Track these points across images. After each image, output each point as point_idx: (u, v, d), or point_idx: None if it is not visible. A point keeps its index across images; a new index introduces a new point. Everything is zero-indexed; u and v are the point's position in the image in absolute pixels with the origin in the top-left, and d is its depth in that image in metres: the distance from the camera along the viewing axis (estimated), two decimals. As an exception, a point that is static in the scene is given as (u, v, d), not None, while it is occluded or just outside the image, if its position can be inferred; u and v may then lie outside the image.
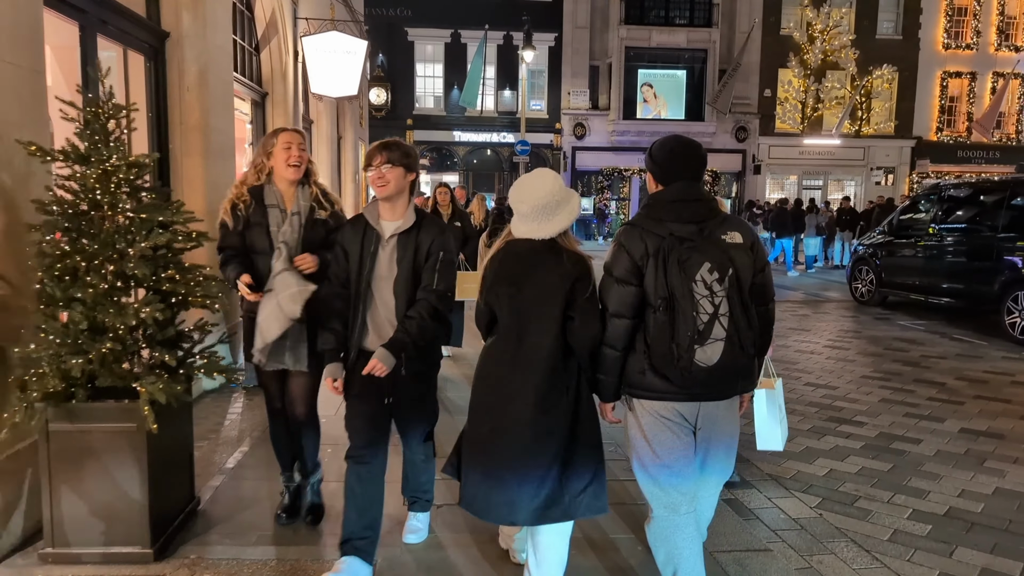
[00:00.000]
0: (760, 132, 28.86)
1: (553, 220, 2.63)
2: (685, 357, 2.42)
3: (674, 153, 2.64)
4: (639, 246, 2.52)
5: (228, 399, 5.96)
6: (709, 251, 2.45)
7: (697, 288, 2.41)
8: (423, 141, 27.77)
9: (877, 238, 12.20)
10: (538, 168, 2.88)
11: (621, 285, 2.55)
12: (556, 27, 27.74)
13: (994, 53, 29.07)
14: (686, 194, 2.59)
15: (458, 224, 7.02)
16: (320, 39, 8.88)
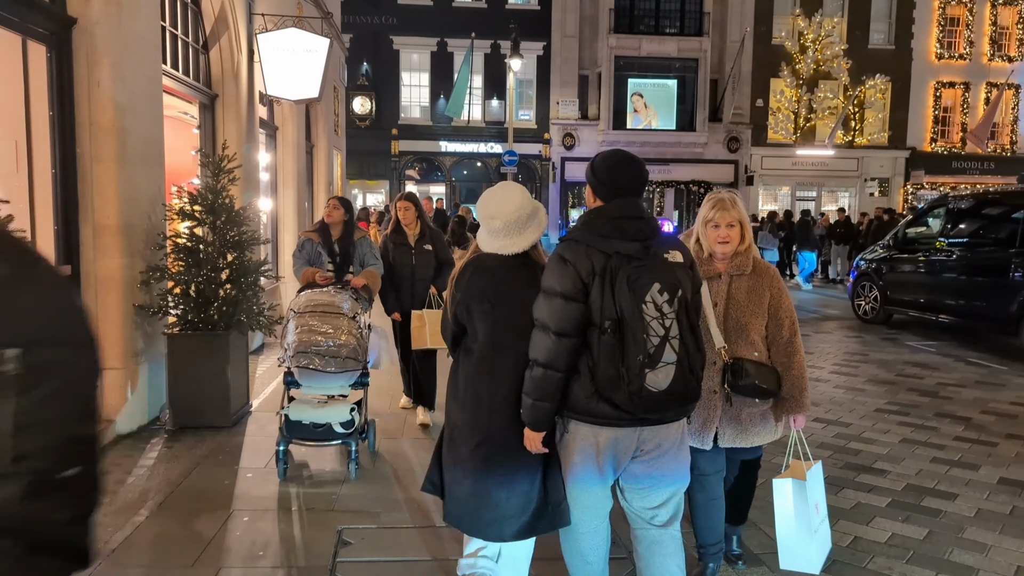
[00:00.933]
0: (752, 142, 28.15)
1: (524, 234, 2.58)
2: (635, 381, 2.31)
3: (618, 168, 2.53)
4: (585, 262, 2.40)
5: (145, 445, 5.06)
6: (658, 271, 2.36)
7: (647, 309, 2.32)
8: (408, 151, 26.94)
9: (880, 253, 11.39)
10: (502, 182, 2.77)
11: (567, 302, 2.40)
12: (544, 36, 27.01)
13: (987, 63, 28.50)
14: (629, 211, 2.48)
15: (428, 247, 5.62)
16: (276, 36, 8.02)
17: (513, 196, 2.62)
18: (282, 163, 10.69)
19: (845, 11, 27.99)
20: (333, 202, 5.42)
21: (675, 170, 27.80)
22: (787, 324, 3.11)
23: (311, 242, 5.30)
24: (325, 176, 13.54)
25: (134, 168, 5.23)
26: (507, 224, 2.56)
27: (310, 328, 4.29)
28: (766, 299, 3.07)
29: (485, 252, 2.65)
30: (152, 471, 4.63)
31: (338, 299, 4.50)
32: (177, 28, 6.97)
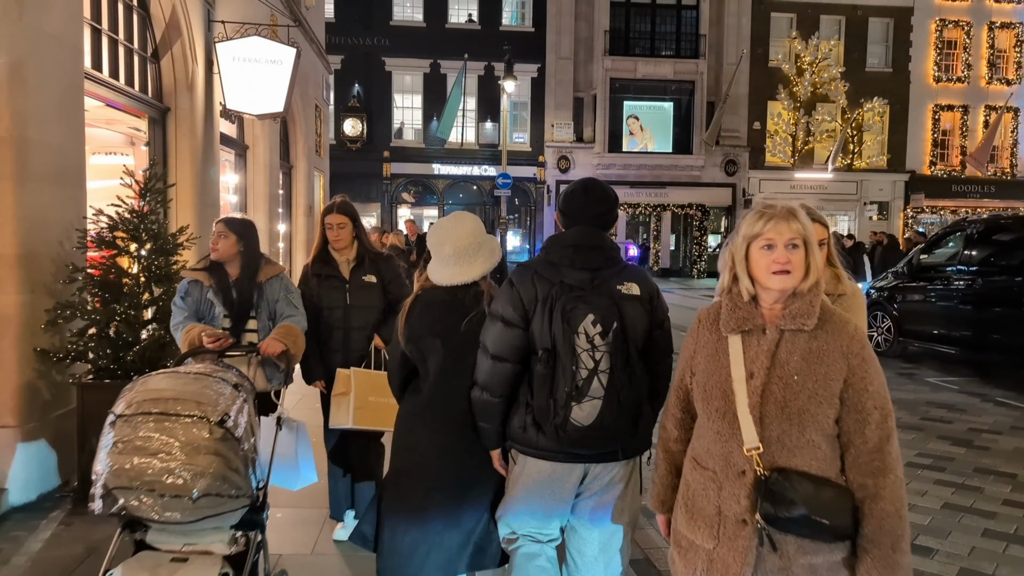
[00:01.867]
0: (750, 165, 27.47)
1: (475, 263, 2.53)
2: (561, 414, 2.25)
3: (573, 197, 2.49)
4: (529, 289, 2.35)
5: (41, 521, 4.16)
6: (595, 302, 2.27)
7: (579, 341, 2.24)
8: (400, 174, 26.22)
9: (892, 281, 10.56)
10: (455, 211, 2.72)
11: (507, 327, 2.35)
12: (539, 58, 26.41)
13: (985, 86, 27.95)
14: (583, 239, 2.40)
15: (371, 280, 3.92)
16: (238, 45, 7.24)
17: (464, 224, 2.56)
18: (252, 185, 9.88)
19: (842, 34, 27.47)
20: (219, 227, 3.51)
21: (672, 193, 27.09)
22: (875, 419, 1.77)
23: (199, 286, 3.48)
24: (305, 199, 12.73)
25: (40, 187, 4.39)
26: (456, 251, 2.50)
27: (135, 447, 2.23)
28: (840, 374, 1.78)
29: (436, 284, 2.56)
30: (39, 557, 3.74)
31: (204, 388, 2.40)
32: (119, 33, 6.17)
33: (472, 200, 27.33)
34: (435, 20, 26.02)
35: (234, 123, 9.53)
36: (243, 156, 9.77)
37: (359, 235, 3.96)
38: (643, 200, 27.06)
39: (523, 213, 27.43)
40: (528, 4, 26.68)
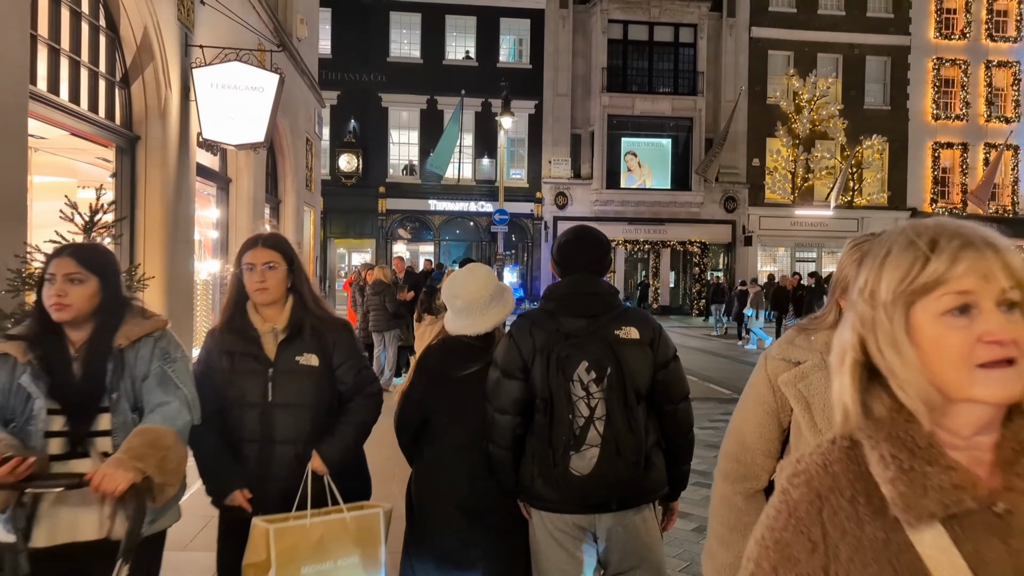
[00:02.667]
0: (750, 202, 27.07)
1: (488, 314, 2.50)
2: (560, 464, 2.20)
3: (567, 245, 2.48)
4: (527, 340, 2.32)
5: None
6: (589, 348, 2.24)
7: (574, 389, 2.21)
8: (396, 210, 25.74)
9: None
10: (471, 263, 2.86)
11: (507, 379, 2.32)
12: (536, 94, 26.14)
13: (984, 124, 27.73)
14: (579, 287, 2.39)
15: (311, 362, 2.50)
16: (216, 71, 6.71)
17: (477, 276, 2.56)
18: (235, 220, 9.29)
19: (839, 72, 27.33)
20: (64, 265, 2.12)
21: (670, 230, 26.63)
22: None
23: (6, 364, 2.13)
24: (293, 235, 12.13)
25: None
26: (468, 304, 2.49)
27: None
28: None
29: (453, 335, 2.53)
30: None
31: None
32: (81, 55, 5.63)
33: (469, 236, 26.84)
34: (432, 57, 25.81)
35: (216, 155, 8.98)
36: (225, 189, 9.20)
37: (296, 286, 2.52)
38: (642, 237, 26.59)
39: (520, 249, 26.94)
40: (525, 41, 26.51)
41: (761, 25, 26.81)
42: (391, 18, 25.56)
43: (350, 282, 11.04)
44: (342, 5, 25.03)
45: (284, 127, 11.45)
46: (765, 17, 26.86)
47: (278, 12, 11.53)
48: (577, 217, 26.17)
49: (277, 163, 11.81)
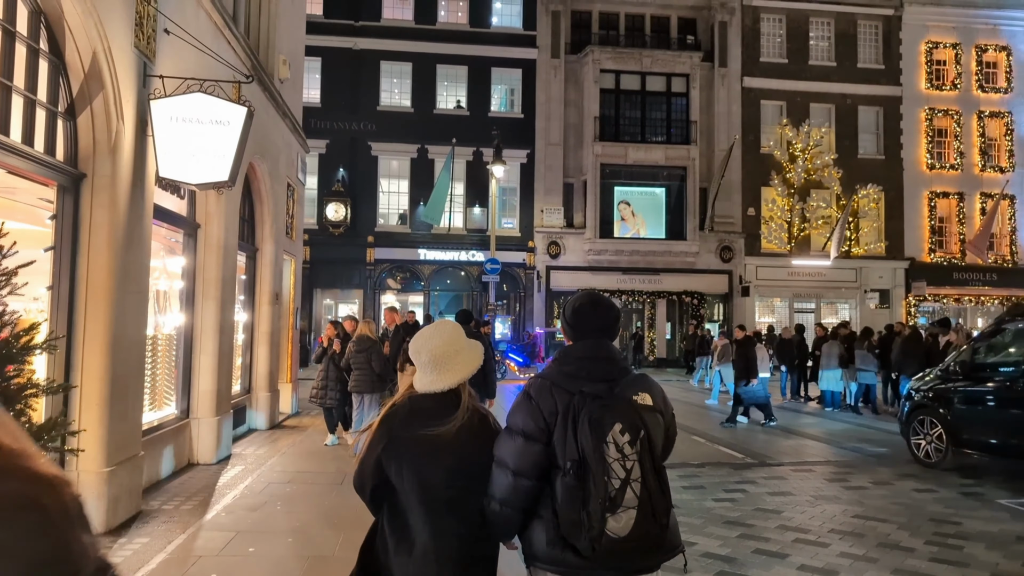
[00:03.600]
0: (746, 252, 26.52)
1: (453, 369, 2.46)
2: (596, 527, 2.15)
3: (582, 310, 2.50)
4: (549, 401, 2.30)
5: None
6: (621, 410, 2.23)
7: (608, 451, 2.18)
8: (385, 260, 25.01)
9: (938, 380, 9.17)
10: (438, 320, 2.83)
11: (528, 441, 2.28)
12: (528, 143, 25.76)
13: (979, 174, 27.51)
14: (595, 351, 2.42)
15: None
16: (176, 103, 5.99)
17: (443, 332, 2.52)
18: (203, 268, 8.49)
19: (832, 121, 27.16)
20: None
21: (666, 280, 25.99)
22: None
23: None
24: (271, 285, 11.34)
25: None
26: (434, 359, 2.45)
27: None
28: None
29: (419, 392, 2.47)
30: None
31: None
32: (13, 79, 4.90)
33: (459, 286, 26.10)
34: (423, 106, 25.46)
35: (183, 197, 8.24)
36: (193, 236, 8.42)
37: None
38: (636, 287, 25.92)
39: (512, 299, 26.18)
40: (517, 91, 26.25)
41: (753, 75, 26.70)
42: (382, 67, 25.29)
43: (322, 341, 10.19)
44: (332, 53, 24.77)
45: (262, 171, 10.76)
46: (757, 67, 26.77)
47: (260, 52, 10.96)
48: (570, 267, 25.60)
49: (255, 209, 11.08)
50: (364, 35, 25.06)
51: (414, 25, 25.38)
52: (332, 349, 9.58)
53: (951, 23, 27.42)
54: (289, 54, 12.37)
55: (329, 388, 9.51)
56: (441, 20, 25.77)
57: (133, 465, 6.21)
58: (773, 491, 7.84)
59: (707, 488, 7.95)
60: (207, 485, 7.60)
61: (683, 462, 9.34)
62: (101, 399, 5.69)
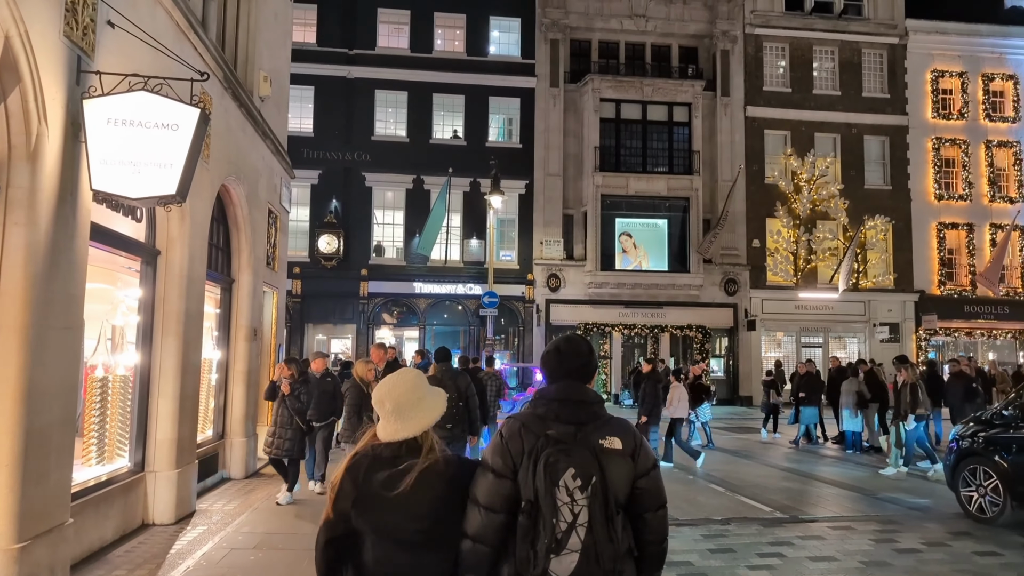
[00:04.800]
0: (751, 285, 25.55)
1: (415, 418, 2.45)
2: (540, 566, 2.22)
3: (556, 352, 2.53)
4: (518, 443, 2.34)
5: None
6: (577, 455, 2.26)
7: (559, 494, 2.23)
8: (379, 293, 23.99)
9: (993, 426, 8.11)
10: (401, 369, 2.71)
11: (497, 478, 2.32)
12: (526, 174, 24.94)
13: (989, 204, 26.71)
14: (567, 394, 2.43)
15: None
16: (115, 103, 5.04)
17: (406, 380, 2.52)
18: (164, 300, 7.47)
19: (837, 151, 26.42)
20: None
21: (669, 314, 24.97)
22: None
23: None
24: (248, 320, 10.30)
25: None
26: (396, 408, 2.44)
27: None
28: None
29: (382, 441, 2.45)
30: None
31: None
32: None
33: (456, 321, 25.05)
34: (418, 136, 24.69)
35: (140, 220, 7.25)
36: (152, 263, 7.42)
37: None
38: (639, 321, 24.89)
39: (510, 334, 25.11)
40: (515, 120, 25.52)
41: (756, 104, 26.03)
42: (376, 96, 24.57)
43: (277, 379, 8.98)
44: (325, 82, 24.08)
45: (239, 194, 9.81)
46: (760, 96, 26.12)
47: (238, 67, 10.09)
48: (571, 300, 24.60)
49: (231, 236, 10.10)
50: (358, 63, 24.38)
51: (410, 53, 24.73)
52: (284, 390, 8.27)
53: (956, 52, 26.86)
54: (273, 72, 11.52)
55: (281, 436, 8.20)
56: (437, 48, 25.15)
57: (57, 537, 5.12)
58: (814, 555, 6.74)
59: (737, 552, 6.84)
60: (158, 553, 6.48)
61: (705, 517, 8.23)
62: (12, 458, 4.63)
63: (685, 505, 8.90)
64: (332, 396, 8.80)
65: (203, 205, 8.10)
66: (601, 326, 24.69)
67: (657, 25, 25.97)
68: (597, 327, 24.65)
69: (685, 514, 8.35)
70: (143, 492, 7.30)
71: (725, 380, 25.73)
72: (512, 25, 25.55)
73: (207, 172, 8.24)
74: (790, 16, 26.42)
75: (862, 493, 9.89)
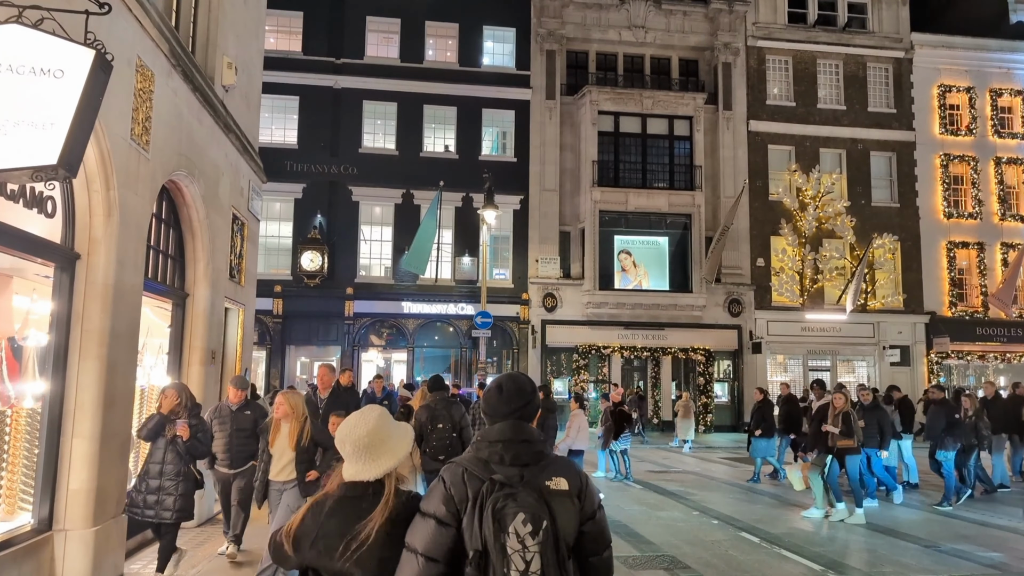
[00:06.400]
0: (756, 305, 24.18)
1: (379, 460, 2.34)
2: None
3: (498, 391, 2.38)
4: (461, 488, 2.19)
5: None
6: (525, 500, 2.12)
7: (510, 541, 2.07)
8: (365, 313, 22.44)
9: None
10: (366, 406, 2.52)
11: (440, 526, 2.16)
12: (521, 189, 23.58)
13: (999, 223, 25.54)
14: (509, 434, 2.29)
15: None
16: (-26, 38, 3.60)
17: (367, 420, 2.39)
18: (82, 316, 5.96)
19: (843, 167, 25.23)
20: None
21: (671, 336, 23.54)
22: None
23: None
24: (205, 341, 8.77)
25: None
26: (356, 449, 2.33)
27: None
28: None
29: (347, 481, 2.34)
30: None
31: None
32: None
33: (447, 342, 23.50)
34: (408, 148, 23.32)
35: (53, 215, 5.77)
36: (68, 270, 5.92)
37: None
38: (639, 343, 23.44)
39: (504, 356, 23.58)
40: (509, 133, 24.22)
41: (759, 118, 24.86)
42: (364, 107, 23.21)
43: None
44: (310, 92, 22.74)
45: (193, 194, 8.34)
46: (763, 110, 24.96)
47: (196, 49, 8.67)
48: (568, 321, 23.14)
49: (185, 243, 8.61)
50: (346, 73, 23.05)
51: (399, 63, 23.44)
52: (173, 430, 5.91)
53: (963, 66, 25.84)
54: (242, 63, 10.12)
55: (170, 491, 5.88)
56: (428, 59, 23.88)
57: None
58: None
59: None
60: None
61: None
62: None
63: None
64: (249, 434, 6.92)
65: (140, 201, 6.63)
66: (600, 348, 23.20)
67: (656, 36, 24.84)
68: (596, 349, 23.17)
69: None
70: (50, 556, 5.73)
71: (729, 405, 24.27)
72: (506, 35, 24.35)
73: (147, 162, 6.78)
74: (793, 28, 25.37)
75: (918, 544, 8.38)
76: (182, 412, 5.98)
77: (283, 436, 6.09)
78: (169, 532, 6.01)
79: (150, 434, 5.94)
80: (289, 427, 6.06)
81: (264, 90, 12.18)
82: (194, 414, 6.08)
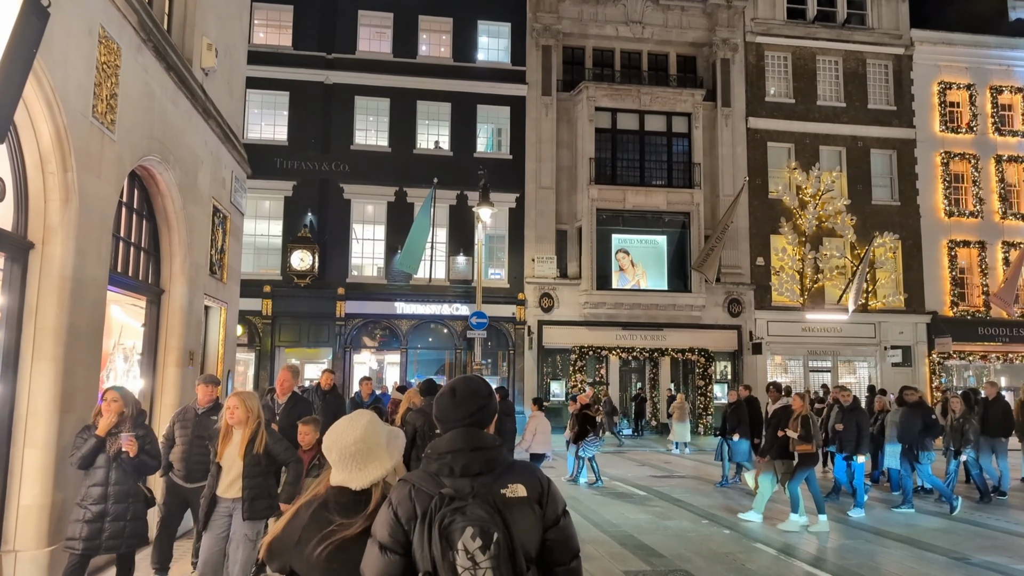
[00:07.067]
0: (756, 305, 23.64)
1: (366, 469, 2.24)
2: None
3: (451, 395, 2.22)
4: (407, 507, 2.04)
5: None
6: (474, 513, 1.98)
7: (459, 559, 1.92)
8: (357, 314, 21.79)
9: None
10: (355, 411, 2.42)
11: (384, 553, 2.02)
12: (517, 187, 22.99)
13: (1000, 221, 25.09)
14: (461, 443, 2.12)
15: None
16: None
17: (355, 427, 2.27)
18: (35, 311, 5.34)
19: (843, 165, 24.74)
20: None
21: (670, 336, 22.97)
22: None
23: None
24: (182, 341, 8.13)
25: None
26: (342, 457, 2.23)
27: None
28: None
29: (334, 485, 2.25)
30: None
31: None
32: None
33: (442, 344, 22.87)
34: (401, 145, 22.70)
35: (1, 199, 5.15)
36: (21, 261, 5.30)
37: None
38: (637, 344, 22.86)
39: (499, 357, 22.96)
40: (505, 130, 23.62)
41: (758, 115, 24.35)
42: (356, 103, 22.57)
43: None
44: (301, 87, 22.11)
45: (167, 182, 7.71)
46: (762, 107, 24.44)
47: (173, 29, 8.05)
48: (565, 321, 22.55)
49: (160, 236, 7.98)
50: (337, 68, 22.42)
51: (392, 58, 22.81)
52: (117, 445, 4.86)
53: (963, 63, 25.40)
54: (224, 47, 9.49)
55: (115, 516, 4.87)
56: (422, 54, 23.27)
57: None
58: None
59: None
60: None
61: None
62: None
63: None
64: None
65: (103, 186, 6.00)
66: (597, 349, 22.60)
67: (654, 32, 24.30)
68: (593, 350, 22.57)
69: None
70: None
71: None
72: (501, 30, 23.76)
73: (112, 143, 6.16)
74: (792, 24, 24.87)
75: (946, 555, 7.81)
76: (127, 423, 4.92)
77: (234, 445, 4.92)
78: (124, 563, 5.15)
79: (86, 461, 4.86)
80: (241, 434, 4.91)
81: (254, 85, 11.60)
82: (140, 423, 5.09)
